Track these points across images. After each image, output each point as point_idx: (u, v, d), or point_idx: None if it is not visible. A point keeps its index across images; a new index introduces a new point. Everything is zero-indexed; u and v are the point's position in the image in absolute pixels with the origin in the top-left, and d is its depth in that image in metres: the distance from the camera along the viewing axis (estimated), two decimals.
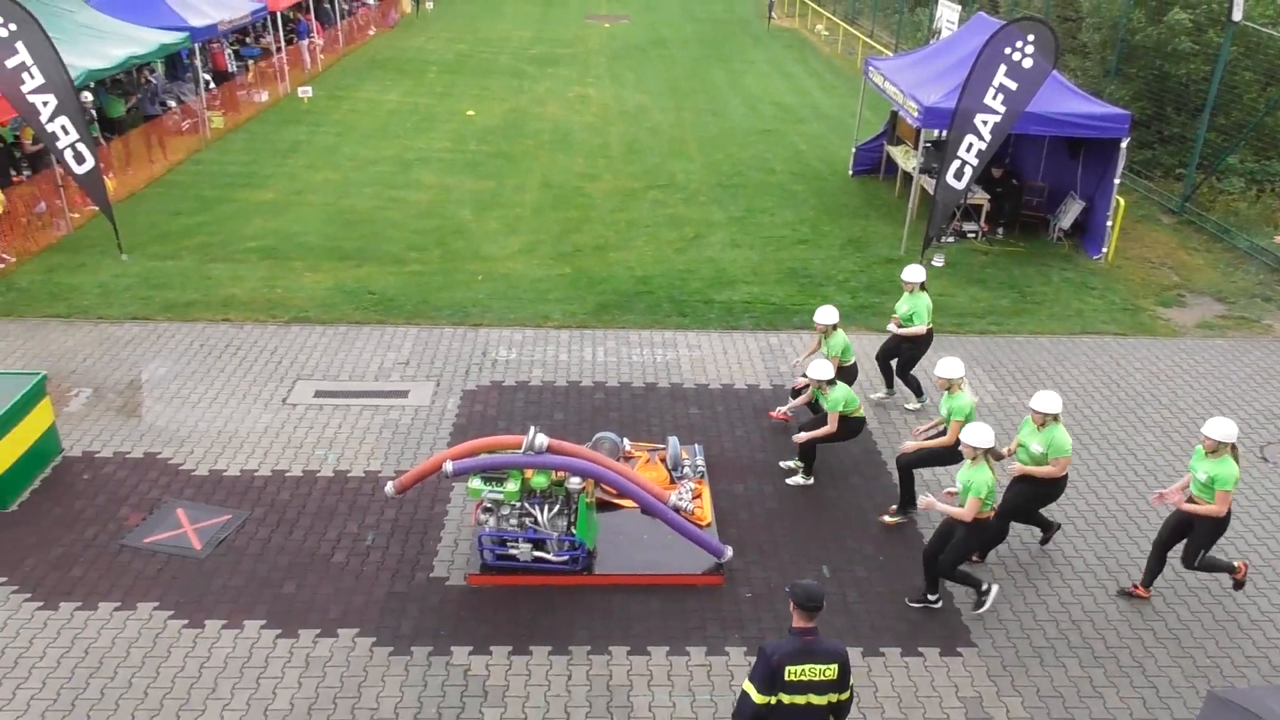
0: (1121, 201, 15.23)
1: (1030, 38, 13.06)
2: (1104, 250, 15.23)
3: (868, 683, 7.20)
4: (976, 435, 7.39)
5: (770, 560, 8.42)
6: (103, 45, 16.48)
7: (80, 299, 12.72)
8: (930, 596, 7.93)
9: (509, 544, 8.02)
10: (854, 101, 23.84)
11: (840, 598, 8.04)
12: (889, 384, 11.06)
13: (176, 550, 8.29)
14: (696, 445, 9.73)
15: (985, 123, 13.48)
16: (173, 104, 20.39)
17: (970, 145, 13.64)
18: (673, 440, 9.48)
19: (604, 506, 8.86)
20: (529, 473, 7.84)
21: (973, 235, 16.07)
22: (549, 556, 8.03)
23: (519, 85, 26.75)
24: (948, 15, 25.69)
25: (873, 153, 19.34)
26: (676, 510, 8.26)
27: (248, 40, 25.77)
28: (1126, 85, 19.33)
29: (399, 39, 33.29)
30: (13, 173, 15.04)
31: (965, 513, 7.40)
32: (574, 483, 7.97)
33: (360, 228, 15.64)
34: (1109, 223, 15.12)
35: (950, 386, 8.54)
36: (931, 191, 14.87)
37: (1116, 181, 14.89)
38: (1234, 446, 7.49)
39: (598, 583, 8.07)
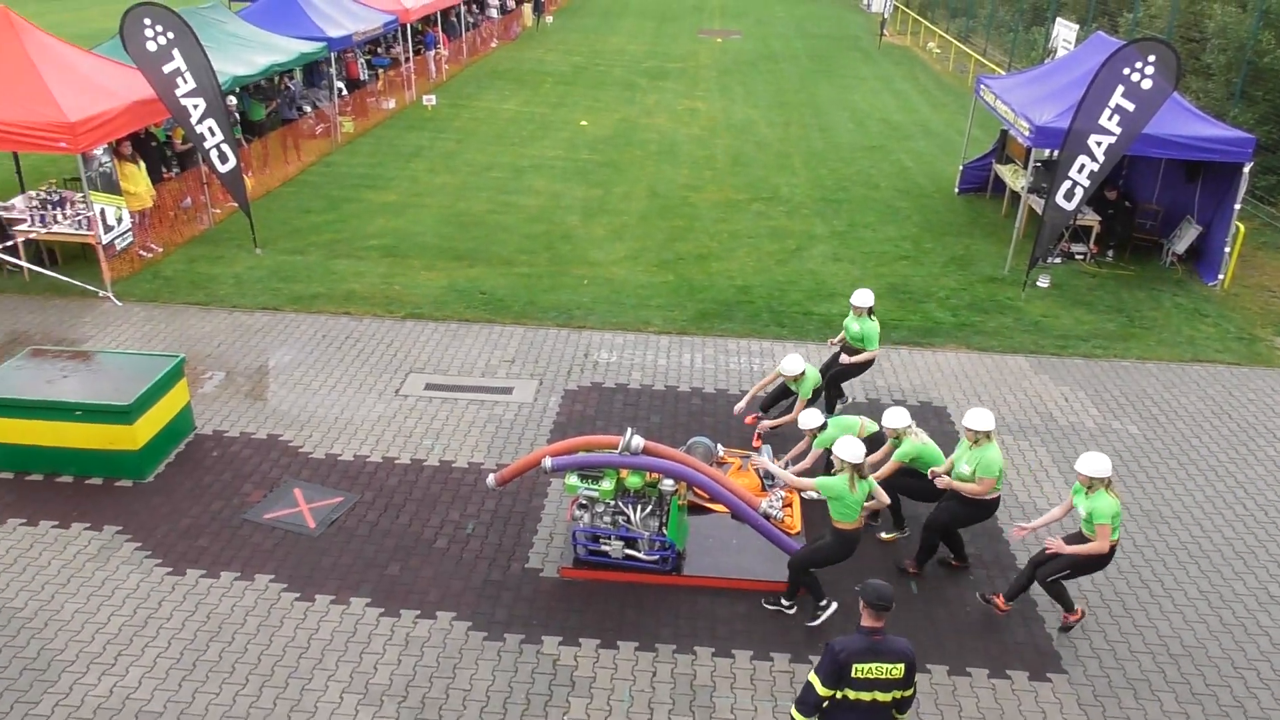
0: (1241, 227, 14.46)
1: (1151, 58, 12.52)
2: (1220, 277, 14.49)
3: (952, 702, 7.01)
4: (846, 449, 7.15)
5: (857, 573, 8.26)
6: (248, 53, 17.27)
7: (217, 288, 13.35)
8: (821, 604, 7.75)
9: (602, 540, 8.09)
10: (963, 119, 23.28)
11: (926, 615, 7.85)
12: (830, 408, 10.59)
13: (292, 527, 8.63)
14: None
15: (1099, 144, 12.98)
16: (308, 109, 21.22)
17: (1082, 166, 13.15)
18: (766, 448, 9.41)
19: (695, 510, 8.85)
20: (624, 473, 7.90)
21: (1081, 257, 15.49)
22: (640, 555, 8.07)
23: (630, 97, 26.98)
24: (1064, 34, 24.85)
25: (980, 171, 18.84)
26: (766, 517, 8.20)
27: (379, 50, 26.66)
28: (1252, 109, 18.36)
29: (519, 51, 33.97)
30: (164, 170, 15.87)
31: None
32: (667, 484, 8.00)
33: (474, 230, 16.01)
34: (1227, 249, 14.38)
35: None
36: (1040, 211, 14.40)
37: (1237, 207, 14.16)
38: (1108, 480, 7.29)
39: (686, 584, 8.07)
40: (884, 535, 8.78)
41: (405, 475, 9.44)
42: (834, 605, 7.76)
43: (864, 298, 10.00)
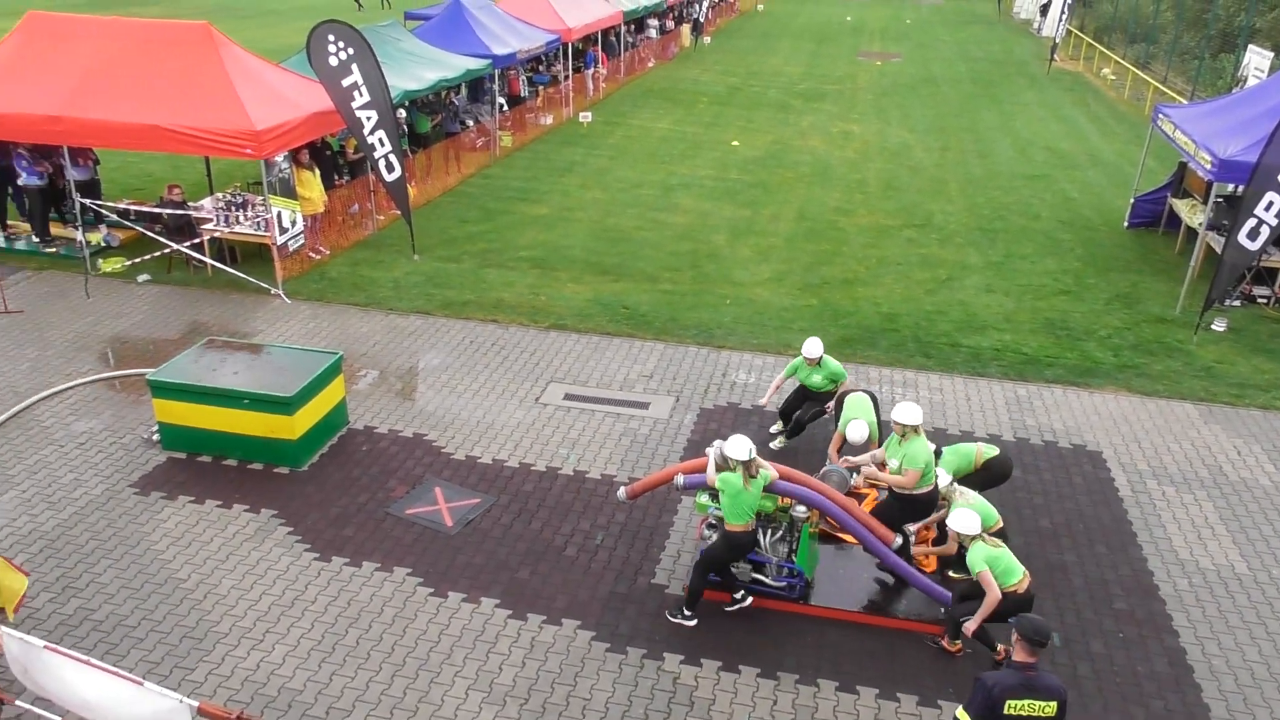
0: None
1: None
2: None
3: None
4: (734, 447, 7.37)
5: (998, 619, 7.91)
6: (419, 69, 18.16)
7: (376, 291, 14.04)
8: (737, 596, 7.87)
9: (730, 562, 8.03)
10: (1137, 150, 22.07)
11: (1070, 670, 7.43)
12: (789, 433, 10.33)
13: (431, 524, 8.95)
14: None
15: None
16: (470, 123, 22.10)
17: (1271, 204, 12.23)
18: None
19: (827, 539, 8.68)
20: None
21: (1264, 301, 14.39)
22: (767, 580, 7.97)
23: (784, 118, 26.85)
24: (1256, 62, 23.24)
25: (1153, 205, 17.77)
26: (901, 553, 7.95)
27: (540, 68, 27.51)
28: None
29: (675, 71, 34.37)
30: (335, 177, 16.84)
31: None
32: (799, 511, 7.87)
33: (621, 245, 16.26)
34: None
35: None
36: (1219, 250, 13.46)
37: None
38: (982, 536, 7.22)
39: (813, 613, 7.91)
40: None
41: (540, 482, 9.65)
42: (749, 600, 7.92)
43: (814, 348, 9.79)
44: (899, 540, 8.02)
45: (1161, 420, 11.14)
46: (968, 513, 7.34)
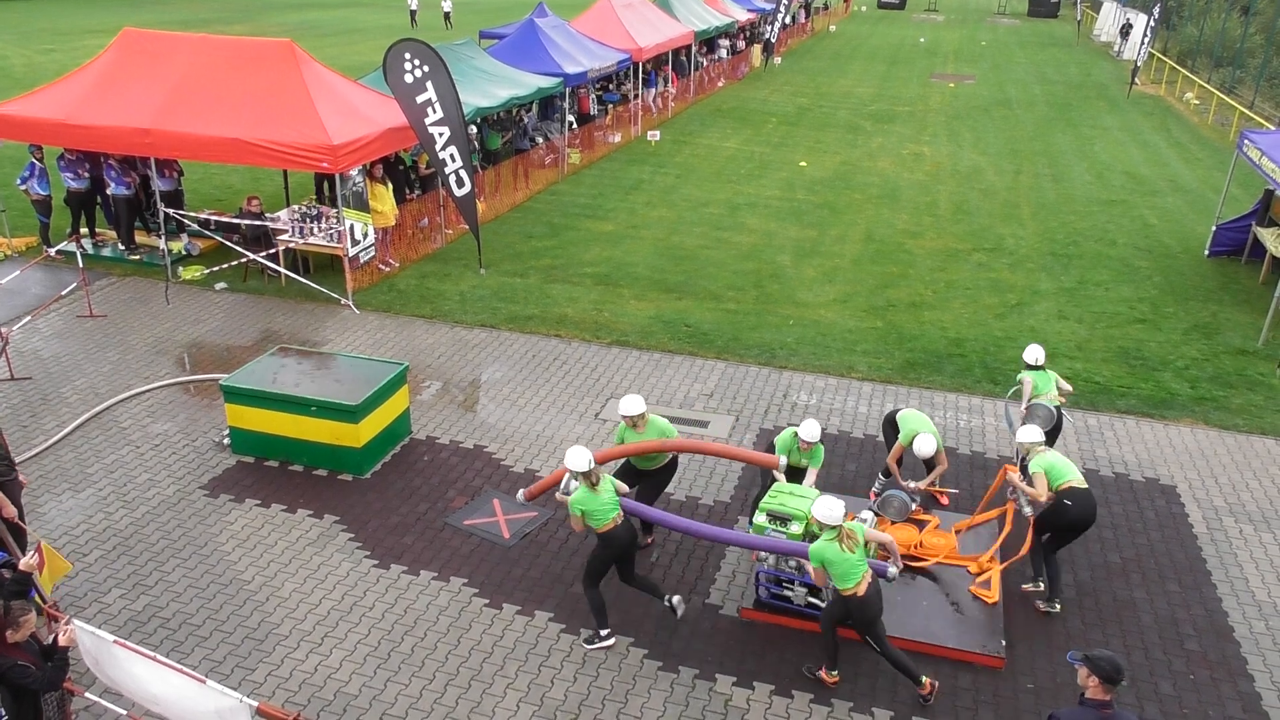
0: None
1: None
2: None
3: None
4: (571, 458, 7.45)
5: (1059, 654, 7.69)
6: (491, 86, 18.48)
7: (443, 304, 14.27)
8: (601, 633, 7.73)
9: (785, 585, 7.96)
10: (1220, 176, 21.41)
11: (1138, 711, 7.18)
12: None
13: (488, 536, 9.03)
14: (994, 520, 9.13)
15: None
16: (540, 140, 22.40)
17: None
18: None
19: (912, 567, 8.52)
20: (814, 518, 7.73)
21: None
22: (823, 604, 7.86)
23: (853, 140, 26.67)
24: None
25: (1237, 233, 17.20)
26: (882, 576, 7.44)
27: (610, 87, 27.78)
28: None
29: (744, 90, 34.40)
30: (406, 191, 17.19)
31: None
32: None
33: (685, 264, 16.28)
34: None
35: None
36: None
37: None
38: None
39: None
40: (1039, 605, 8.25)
41: None
42: (613, 640, 7.73)
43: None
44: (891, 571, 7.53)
45: (1240, 455, 10.74)
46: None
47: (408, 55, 13.95)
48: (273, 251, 14.44)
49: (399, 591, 8.29)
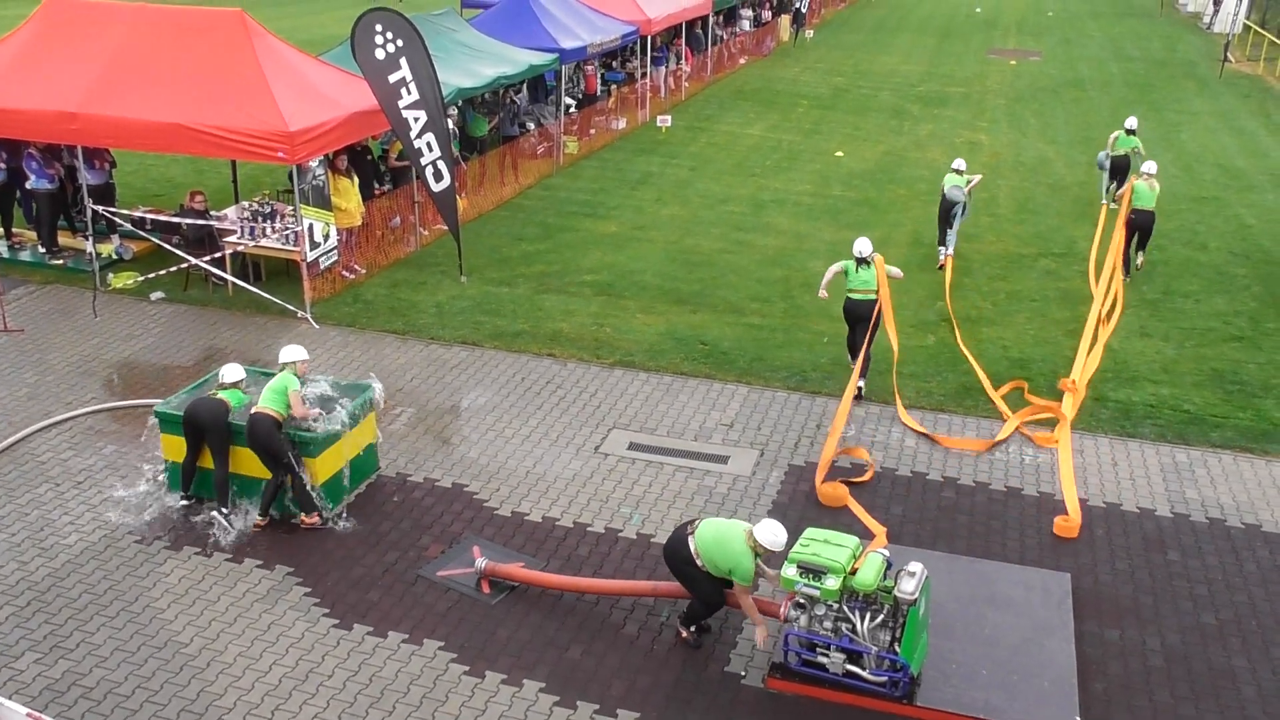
0: None
1: None
2: None
3: None
4: None
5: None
6: (476, 64, 18.56)
7: (417, 317, 14.30)
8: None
9: (819, 650, 7.90)
10: None
11: None
12: None
13: (468, 590, 8.99)
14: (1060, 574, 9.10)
15: None
16: (532, 126, 22.46)
17: None
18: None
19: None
20: (853, 568, 7.70)
21: None
22: (864, 673, 7.80)
23: (898, 126, 26.74)
24: None
25: None
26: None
27: (614, 64, 27.90)
28: None
29: (771, 68, 34.57)
30: (375, 186, 17.26)
31: None
32: (904, 589, 7.69)
33: (701, 270, 16.30)
34: None
35: None
36: None
37: None
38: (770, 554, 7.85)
39: (918, 715, 7.72)
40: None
41: (597, 545, 9.64)
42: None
43: (864, 245, 12.23)
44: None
45: None
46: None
47: (379, 27, 14.04)
48: (218, 255, 14.48)
49: (363, 656, 8.25)
